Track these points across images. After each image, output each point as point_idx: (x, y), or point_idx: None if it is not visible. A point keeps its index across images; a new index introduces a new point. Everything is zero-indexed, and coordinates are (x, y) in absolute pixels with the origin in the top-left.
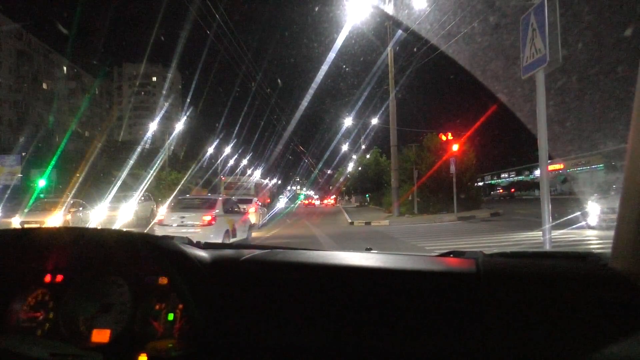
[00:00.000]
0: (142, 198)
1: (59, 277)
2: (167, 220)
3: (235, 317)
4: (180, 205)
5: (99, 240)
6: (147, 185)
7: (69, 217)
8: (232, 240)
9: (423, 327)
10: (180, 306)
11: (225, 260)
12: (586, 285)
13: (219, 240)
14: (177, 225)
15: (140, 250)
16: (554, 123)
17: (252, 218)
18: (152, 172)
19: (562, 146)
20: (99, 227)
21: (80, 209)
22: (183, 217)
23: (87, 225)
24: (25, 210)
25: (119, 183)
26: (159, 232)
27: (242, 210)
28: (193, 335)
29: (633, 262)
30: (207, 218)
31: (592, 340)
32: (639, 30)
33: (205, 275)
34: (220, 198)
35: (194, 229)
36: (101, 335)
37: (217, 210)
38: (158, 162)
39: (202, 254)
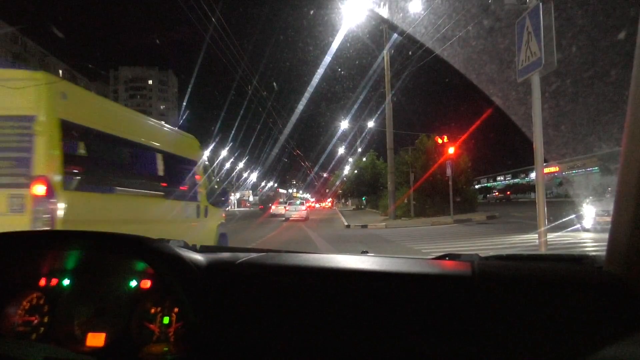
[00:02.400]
0: None
1: (54, 281)
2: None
3: (231, 320)
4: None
5: (94, 243)
6: None
7: None
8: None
9: (419, 330)
10: (176, 309)
11: (221, 264)
12: (581, 287)
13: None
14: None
15: (135, 254)
16: (548, 126)
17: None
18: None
19: (556, 149)
20: (94, 231)
21: None
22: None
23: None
24: None
25: None
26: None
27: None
28: (189, 338)
29: (627, 264)
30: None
31: (587, 343)
32: (631, 34)
33: (200, 278)
34: (306, 199)
35: (300, 213)
36: (96, 339)
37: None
38: None
39: (198, 257)
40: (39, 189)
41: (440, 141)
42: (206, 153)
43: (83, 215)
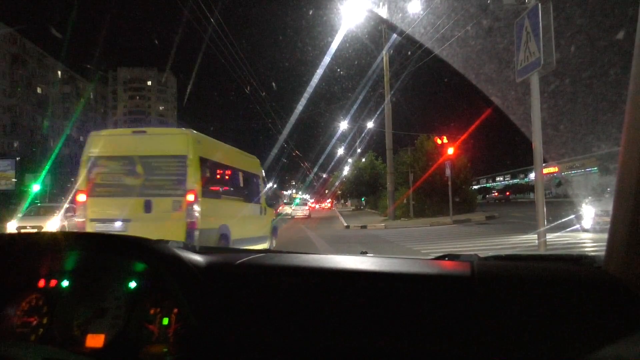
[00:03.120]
0: None
1: (53, 282)
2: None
3: (230, 321)
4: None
5: (93, 244)
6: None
7: (65, 222)
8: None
9: (418, 330)
10: (175, 310)
11: (220, 264)
12: (580, 287)
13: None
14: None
15: (134, 254)
16: (547, 126)
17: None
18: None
19: (555, 149)
20: (93, 232)
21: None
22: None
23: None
24: (20, 215)
25: None
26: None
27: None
28: (188, 339)
29: (626, 264)
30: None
31: (586, 343)
32: (630, 34)
33: (199, 279)
34: (306, 201)
35: (304, 212)
36: (95, 340)
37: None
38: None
39: (197, 257)
40: (190, 197)
41: (439, 141)
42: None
43: (208, 212)
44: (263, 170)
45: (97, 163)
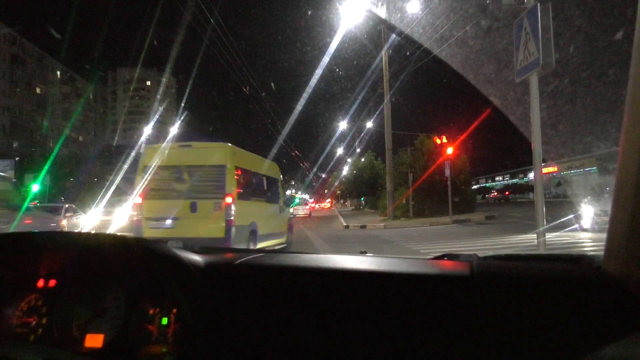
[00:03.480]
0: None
1: (52, 282)
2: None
3: (230, 321)
4: (298, 203)
5: (93, 244)
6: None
7: (64, 222)
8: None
9: (417, 330)
10: (174, 310)
11: (220, 264)
12: (579, 287)
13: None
14: (300, 210)
15: (134, 255)
16: (546, 126)
17: None
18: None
19: (554, 149)
20: (92, 232)
21: (79, 213)
22: (302, 207)
23: (80, 230)
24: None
25: (112, 187)
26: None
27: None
28: (187, 339)
29: (625, 264)
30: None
31: (585, 343)
32: (629, 34)
33: (199, 279)
34: (306, 201)
35: (305, 211)
36: (95, 340)
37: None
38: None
39: (196, 257)
40: (228, 199)
41: (438, 141)
42: None
43: (241, 211)
44: (281, 175)
45: (149, 172)
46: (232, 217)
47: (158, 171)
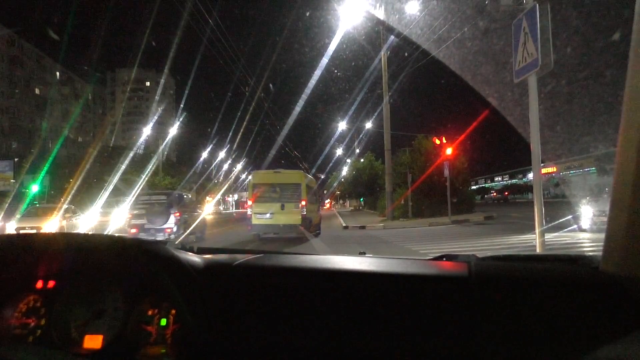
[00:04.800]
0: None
1: (51, 283)
2: None
3: (228, 322)
4: None
5: (92, 245)
6: (139, 190)
7: (64, 222)
8: None
9: (416, 330)
10: (173, 311)
11: (218, 265)
12: (578, 288)
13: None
14: None
15: (132, 256)
16: (544, 127)
17: None
18: (144, 177)
19: (553, 149)
20: (91, 233)
21: (78, 214)
22: None
23: (79, 231)
24: (18, 216)
25: (110, 188)
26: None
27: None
28: (186, 340)
29: (623, 264)
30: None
31: (583, 343)
32: (626, 35)
33: (198, 280)
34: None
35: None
36: (93, 341)
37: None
38: (152, 167)
39: (195, 258)
40: (303, 203)
41: (437, 142)
42: (204, 154)
43: (308, 210)
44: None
45: (256, 186)
46: (305, 213)
47: (261, 186)
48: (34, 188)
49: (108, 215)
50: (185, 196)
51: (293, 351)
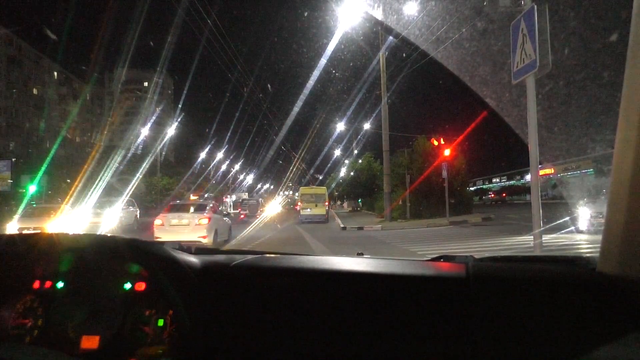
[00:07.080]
0: (125, 204)
1: (48, 283)
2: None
3: (226, 322)
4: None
5: (89, 246)
6: (137, 191)
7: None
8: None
9: (414, 331)
10: (170, 312)
11: (216, 266)
12: (575, 289)
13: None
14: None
15: (129, 256)
16: (542, 128)
17: None
18: (138, 177)
19: (551, 151)
20: (88, 233)
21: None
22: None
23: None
24: (17, 217)
25: (102, 188)
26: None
27: None
28: (183, 341)
29: (621, 265)
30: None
31: (581, 344)
32: (624, 36)
33: (195, 280)
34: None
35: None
36: (90, 342)
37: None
38: (145, 166)
39: (193, 259)
40: (326, 204)
41: (435, 143)
42: (202, 155)
43: (328, 207)
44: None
45: (301, 195)
46: (327, 209)
47: (304, 196)
48: (32, 188)
49: (100, 215)
50: (260, 200)
51: (291, 352)
